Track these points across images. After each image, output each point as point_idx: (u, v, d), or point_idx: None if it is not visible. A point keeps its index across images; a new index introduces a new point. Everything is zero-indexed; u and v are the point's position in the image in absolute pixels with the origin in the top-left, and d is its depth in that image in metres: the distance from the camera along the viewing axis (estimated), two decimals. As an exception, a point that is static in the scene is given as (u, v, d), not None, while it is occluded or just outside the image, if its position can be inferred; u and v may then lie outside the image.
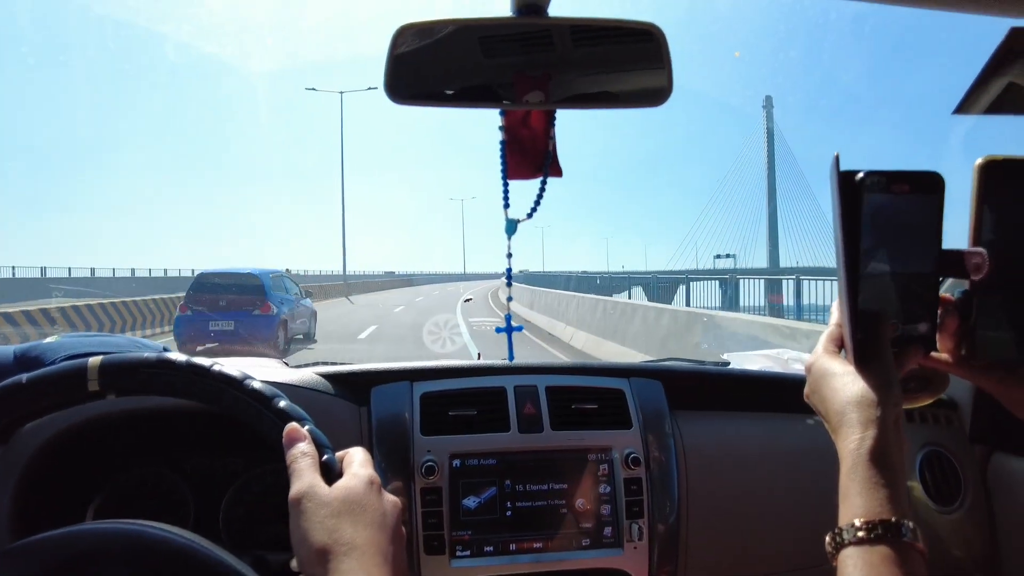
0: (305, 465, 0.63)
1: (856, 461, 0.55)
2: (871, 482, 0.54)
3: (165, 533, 0.63)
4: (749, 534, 1.24)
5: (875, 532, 0.52)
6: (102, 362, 0.68)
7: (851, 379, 0.59)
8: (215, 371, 0.69)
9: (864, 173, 0.56)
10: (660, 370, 1.38)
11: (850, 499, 0.54)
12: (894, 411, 0.56)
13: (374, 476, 0.65)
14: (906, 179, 0.56)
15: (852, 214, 0.57)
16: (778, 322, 8.37)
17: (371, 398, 1.22)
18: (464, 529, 1.13)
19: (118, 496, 1.18)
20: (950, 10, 0.85)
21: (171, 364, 0.69)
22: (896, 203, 0.56)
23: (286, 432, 0.65)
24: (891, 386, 0.57)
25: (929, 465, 1.33)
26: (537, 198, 0.91)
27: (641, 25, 0.82)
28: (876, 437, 0.55)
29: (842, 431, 0.57)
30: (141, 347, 1.18)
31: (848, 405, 0.57)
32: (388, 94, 0.82)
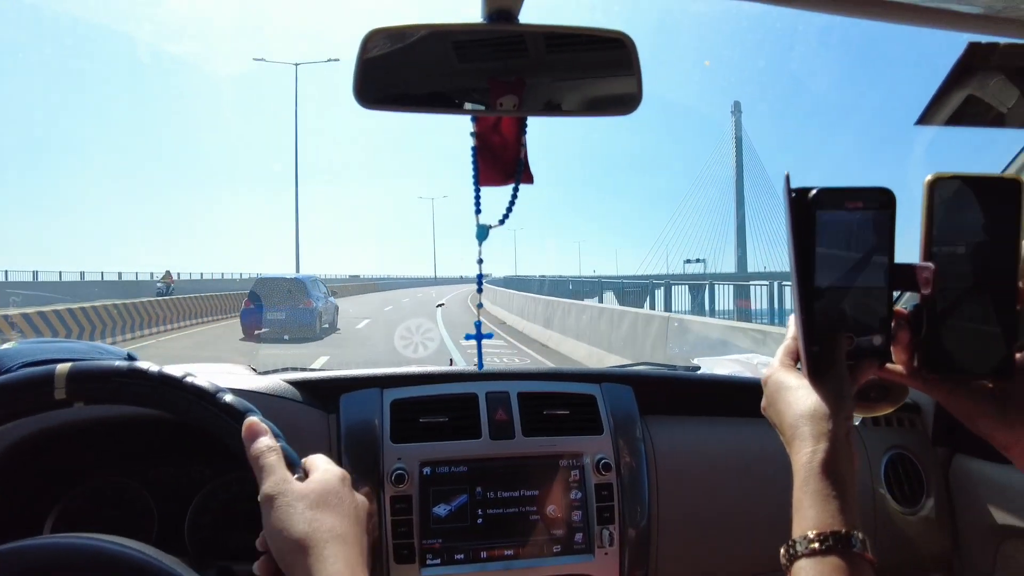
0: (274, 460, 0.63)
1: (808, 474, 0.56)
2: (822, 494, 0.55)
3: (123, 548, 0.61)
4: (719, 538, 1.25)
5: (826, 544, 0.53)
6: (70, 369, 0.66)
7: (805, 392, 0.60)
8: (187, 383, 0.68)
9: (817, 190, 0.58)
10: (631, 375, 1.39)
11: (803, 511, 0.56)
12: (845, 424, 0.58)
13: (345, 473, 0.66)
14: (859, 196, 0.58)
15: (805, 230, 0.58)
16: (747, 326, 8.49)
17: (340, 405, 1.20)
18: (434, 537, 1.12)
19: (77, 507, 1.14)
20: (913, 24, 0.87)
21: (143, 374, 0.67)
22: (849, 219, 0.58)
23: (246, 426, 0.65)
24: (844, 399, 0.59)
25: (894, 468, 1.36)
26: (509, 205, 0.91)
27: (611, 33, 0.83)
28: (827, 450, 0.56)
29: (795, 444, 0.59)
30: (104, 354, 1.15)
31: (801, 418, 0.59)
32: (357, 99, 0.81)
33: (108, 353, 1.16)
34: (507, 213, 0.92)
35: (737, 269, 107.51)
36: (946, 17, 0.86)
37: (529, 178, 0.92)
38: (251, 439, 0.64)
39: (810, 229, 0.58)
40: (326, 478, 0.63)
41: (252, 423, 0.65)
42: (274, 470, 0.62)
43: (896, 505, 1.33)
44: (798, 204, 0.58)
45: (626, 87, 0.87)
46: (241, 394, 0.69)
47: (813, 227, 0.58)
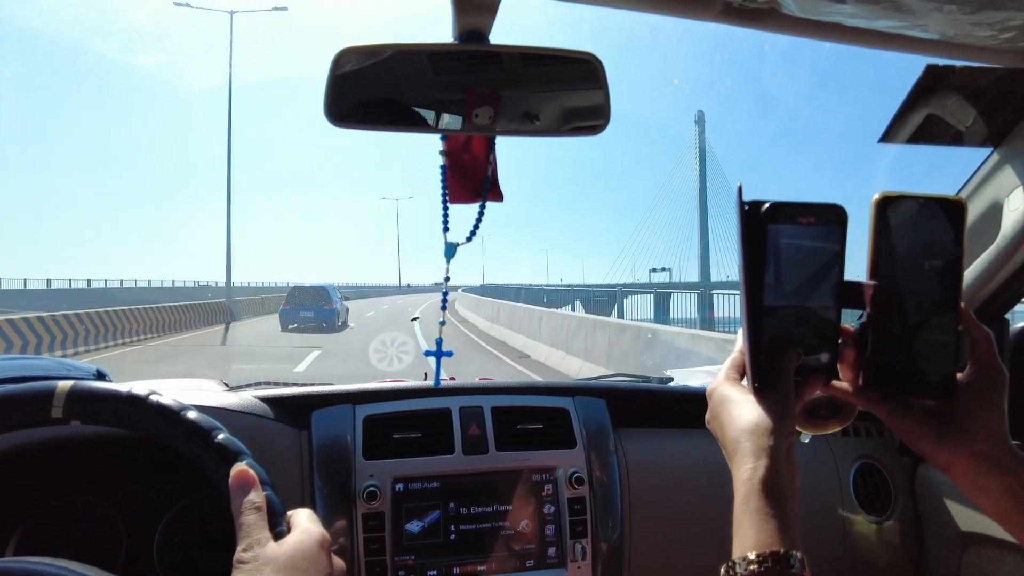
0: (253, 520, 0.61)
1: (749, 491, 0.56)
2: (762, 513, 0.55)
3: (72, 574, 0.59)
4: (692, 551, 1.26)
5: (765, 565, 0.53)
6: (71, 388, 0.67)
7: (748, 407, 0.60)
8: (186, 417, 0.68)
9: (769, 204, 0.58)
10: (603, 388, 1.40)
11: (743, 530, 0.55)
12: (787, 440, 0.57)
13: (325, 536, 0.64)
14: (812, 211, 0.58)
15: (755, 244, 0.58)
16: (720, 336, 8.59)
17: (312, 422, 1.19)
18: (407, 554, 1.11)
19: (43, 527, 1.11)
20: (874, 48, 0.90)
21: (142, 403, 0.68)
22: (801, 234, 0.58)
23: (234, 475, 0.63)
24: (786, 416, 0.58)
25: (862, 477, 1.38)
26: (476, 222, 0.91)
27: (580, 55, 0.84)
28: (768, 467, 0.56)
29: (736, 459, 0.59)
30: (72, 370, 1.13)
31: (743, 433, 0.58)
32: (328, 117, 0.81)
33: (76, 369, 1.14)
34: (474, 230, 0.92)
35: (700, 278, 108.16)
36: (904, 42, 0.89)
37: (498, 196, 0.93)
38: (237, 491, 0.62)
39: (762, 242, 0.57)
40: (302, 540, 0.61)
41: (240, 472, 0.63)
42: (251, 531, 0.60)
43: (865, 514, 1.35)
44: (750, 217, 0.58)
45: (594, 108, 0.88)
46: (211, 411, 0.69)
47: (765, 240, 0.57)
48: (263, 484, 0.65)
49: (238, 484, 0.62)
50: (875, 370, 0.61)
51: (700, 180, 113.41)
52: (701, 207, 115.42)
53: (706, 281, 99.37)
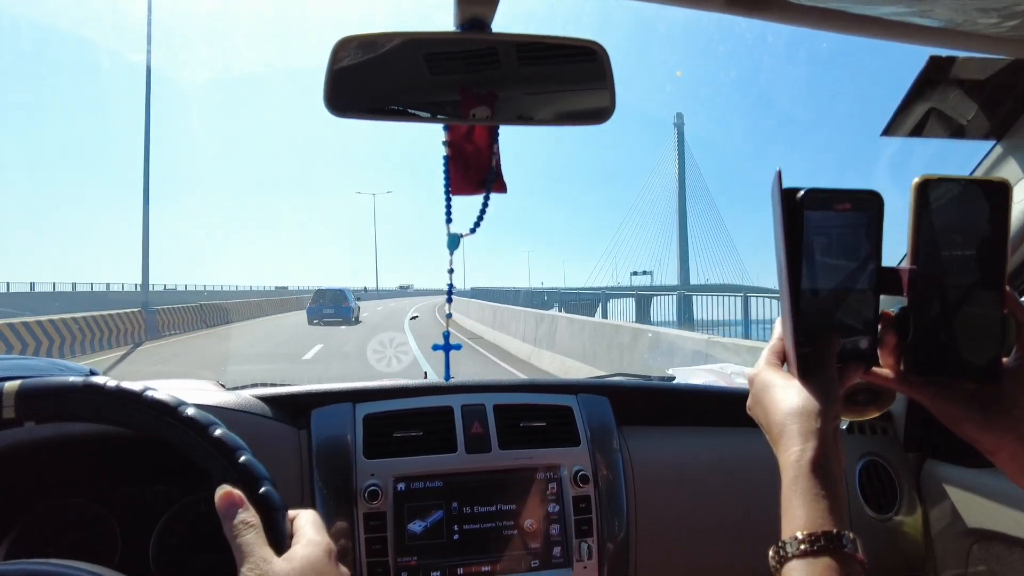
0: (250, 539, 0.58)
1: (798, 473, 0.55)
2: (812, 493, 0.54)
3: (78, 572, 0.58)
4: (698, 548, 1.25)
5: (817, 544, 0.52)
6: (20, 387, 0.63)
7: (793, 391, 0.60)
8: (147, 397, 0.65)
9: (805, 191, 0.58)
10: (607, 386, 1.39)
11: (792, 511, 0.55)
12: (833, 423, 0.57)
13: (331, 545, 0.61)
14: (847, 197, 0.58)
15: (793, 230, 0.58)
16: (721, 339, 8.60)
17: (311, 421, 1.18)
18: (409, 555, 1.09)
19: (36, 531, 1.10)
20: (877, 37, 0.89)
21: (99, 389, 0.65)
22: (837, 220, 0.58)
23: (220, 498, 0.60)
24: (832, 399, 0.58)
25: (867, 474, 1.37)
26: (480, 214, 0.90)
27: (584, 43, 0.83)
28: (816, 448, 0.56)
29: (783, 442, 0.58)
30: (65, 370, 1.11)
31: (789, 416, 0.58)
32: (328, 107, 0.80)
33: (69, 370, 1.12)
34: (478, 222, 0.91)
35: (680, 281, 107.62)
36: (908, 30, 0.88)
37: (502, 187, 0.92)
38: (226, 511, 0.59)
39: (798, 229, 0.58)
40: (310, 553, 0.59)
41: (227, 494, 0.60)
42: (252, 550, 0.57)
43: (870, 512, 1.34)
44: (787, 203, 0.58)
45: (599, 98, 0.87)
46: (207, 410, 0.67)
47: (801, 227, 0.58)
48: (262, 480, 0.63)
49: (225, 506, 0.59)
50: (917, 355, 0.60)
51: (679, 182, 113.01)
52: (680, 209, 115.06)
53: (685, 284, 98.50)
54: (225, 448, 0.64)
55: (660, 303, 14.30)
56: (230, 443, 0.64)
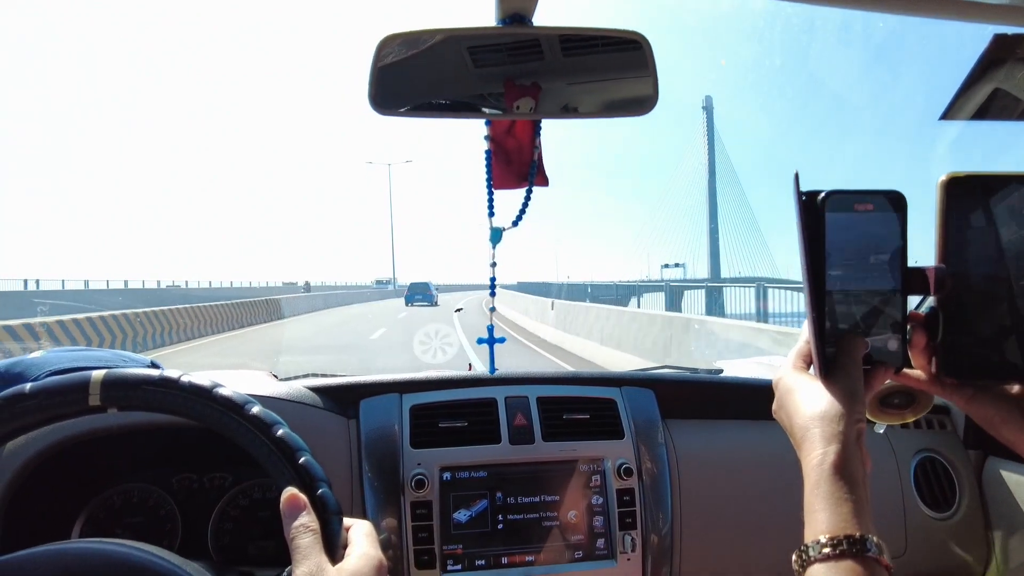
0: (308, 542, 0.59)
1: (820, 476, 0.55)
2: (835, 497, 0.54)
3: (149, 556, 0.62)
4: (744, 543, 1.23)
5: (840, 548, 0.51)
6: (105, 376, 0.67)
7: (816, 394, 0.59)
8: (217, 394, 0.68)
9: (826, 193, 0.58)
10: (652, 379, 1.37)
11: (815, 515, 0.54)
12: (856, 427, 0.56)
13: (383, 560, 0.63)
14: (869, 198, 0.58)
15: (814, 233, 0.58)
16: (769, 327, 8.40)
17: (360, 411, 1.21)
18: (455, 543, 1.11)
19: (105, 512, 1.16)
20: (937, 16, 0.86)
21: (173, 383, 0.68)
22: (860, 222, 0.58)
23: (285, 499, 0.62)
24: (856, 402, 0.57)
25: (924, 471, 1.32)
26: (522, 207, 0.90)
27: (627, 34, 0.82)
28: (839, 452, 0.55)
29: (805, 446, 0.58)
30: (129, 361, 1.16)
31: (812, 420, 0.58)
32: (373, 106, 0.81)
33: (132, 361, 1.17)
34: (520, 215, 0.91)
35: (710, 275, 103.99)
36: (972, 9, 0.84)
37: (544, 180, 0.92)
38: (289, 513, 0.61)
39: (820, 231, 0.58)
40: (361, 567, 0.60)
41: (291, 497, 0.62)
42: (308, 554, 0.59)
43: (927, 510, 1.30)
44: (807, 207, 0.58)
45: (642, 88, 0.87)
46: (260, 400, 0.70)
47: (823, 229, 0.58)
48: (319, 481, 0.64)
49: (289, 508, 0.61)
50: (949, 356, 0.59)
51: (709, 171, 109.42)
52: (710, 200, 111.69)
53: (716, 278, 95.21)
54: (287, 448, 0.66)
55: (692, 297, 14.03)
56: (292, 443, 0.66)
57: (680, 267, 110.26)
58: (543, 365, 11.38)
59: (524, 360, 11.00)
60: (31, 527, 1.04)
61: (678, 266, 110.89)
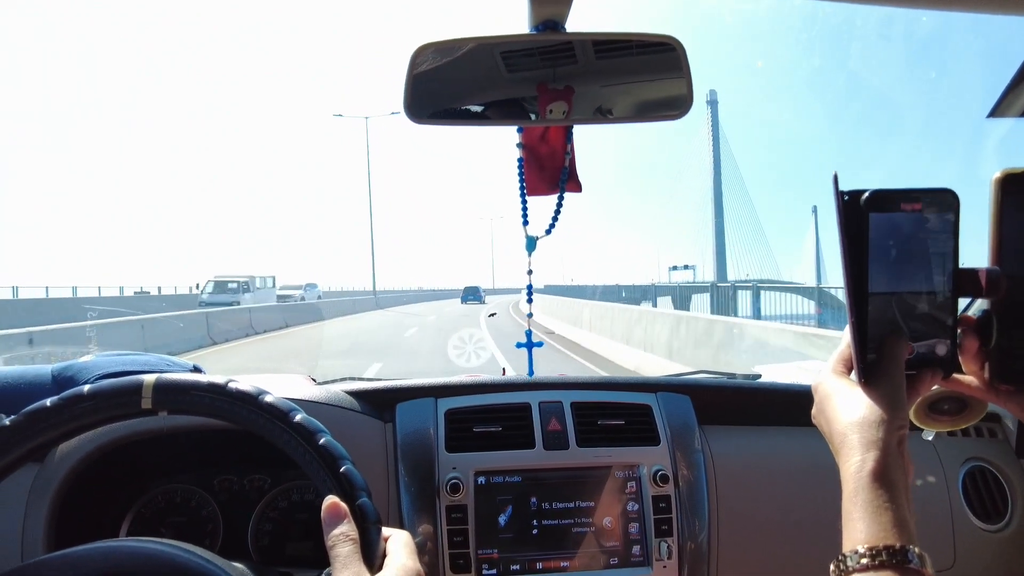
0: (347, 552, 0.60)
1: (858, 484, 0.53)
2: (874, 505, 0.52)
3: (193, 556, 0.64)
4: (781, 552, 1.21)
5: (880, 558, 0.50)
6: (156, 380, 0.70)
7: (856, 399, 0.57)
8: (262, 400, 0.70)
9: (869, 193, 0.55)
10: (688, 384, 1.36)
11: (853, 524, 0.52)
12: (898, 433, 0.54)
13: (420, 570, 0.63)
14: (916, 197, 0.55)
15: (856, 234, 0.56)
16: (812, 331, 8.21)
17: (396, 414, 1.22)
18: (491, 547, 1.12)
19: (151, 512, 1.20)
20: (984, 11, 0.83)
21: (220, 389, 0.70)
22: (907, 222, 0.55)
23: (326, 507, 0.63)
24: (898, 408, 0.55)
25: (973, 481, 1.28)
26: (555, 214, 0.90)
27: (660, 38, 0.82)
28: (878, 459, 0.53)
29: (843, 452, 0.56)
30: (172, 365, 1.20)
31: (850, 426, 0.56)
32: (408, 115, 0.82)
33: (176, 365, 1.21)
34: (553, 223, 0.91)
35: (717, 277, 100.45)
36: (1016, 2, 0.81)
37: (576, 186, 0.92)
38: (329, 521, 0.62)
39: (862, 233, 0.55)
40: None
41: (332, 505, 0.63)
42: (348, 563, 0.59)
43: (977, 521, 1.25)
44: (849, 207, 0.56)
45: (676, 90, 0.86)
46: (299, 404, 0.71)
47: (866, 230, 0.55)
48: (360, 490, 0.65)
49: (330, 516, 0.62)
50: (1003, 360, 0.57)
51: (714, 170, 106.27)
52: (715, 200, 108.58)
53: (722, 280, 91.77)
54: (329, 457, 0.67)
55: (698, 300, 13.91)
56: (334, 452, 0.67)
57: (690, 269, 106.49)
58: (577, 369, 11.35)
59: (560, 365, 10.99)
60: (82, 525, 1.08)
61: (687, 268, 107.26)
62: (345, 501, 0.64)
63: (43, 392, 1.06)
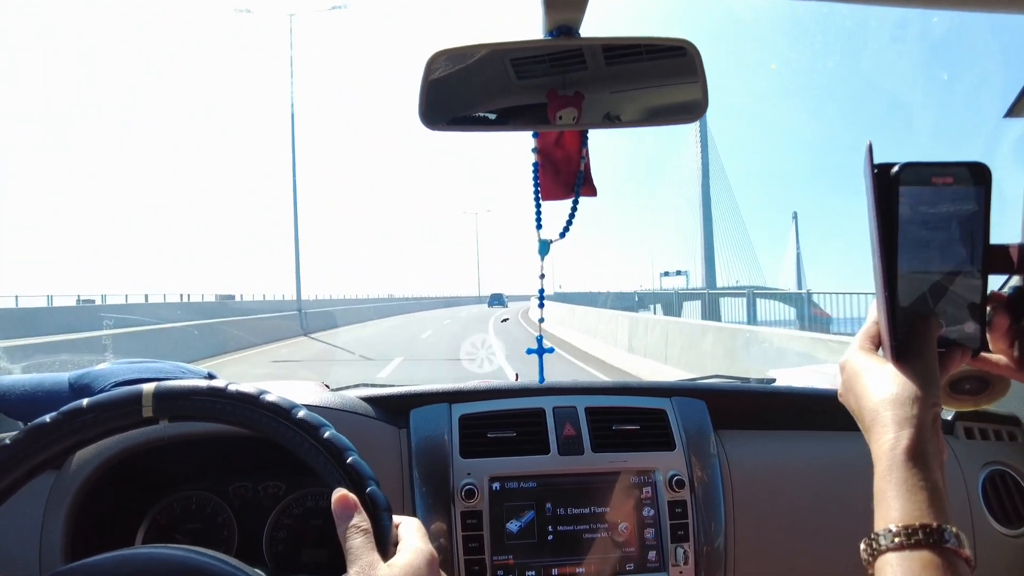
0: (360, 543, 0.60)
1: (892, 462, 0.52)
2: (909, 484, 0.50)
3: (209, 560, 0.64)
4: (799, 557, 1.19)
5: (915, 537, 0.48)
6: (156, 389, 0.70)
7: (888, 376, 0.56)
8: (263, 400, 0.70)
9: (900, 166, 0.54)
10: (703, 389, 1.35)
11: (886, 502, 0.51)
12: (932, 411, 0.53)
13: (434, 553, 0.63)
14: (948, 171, 0.54)
15: (887, 208, 0.54)
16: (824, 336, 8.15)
17: (410, 420, 1.22)
18: (506, 553, 1.11)
19: (166, 519, 1.20)
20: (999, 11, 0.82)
21: (221, 392, 0.70)
22: (938, 196, 0.54)
23: (336, 500, 0.63)
24: (931, 385, 0.54)
25: (993, 485, 1.26)
26: (569, 218, 0.90)
27: (674, 41, 0.82)
28: (912, 436, 0.52)
29: (875, 430, 0.54)
30: (187, 373, 1.21)
31: (883, 403, 0.54)
32: (423, 121, 0.82)
33: (190, 372, 1.21)
34: (567, 227, 0.91)
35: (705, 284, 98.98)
36: None
37: (591, 190, 0.92)
38: (340, 513, 0.62)
39: (893, 207, 0.54)
40: (412, 560, 0.60)
41: (341, 498, 0.63)
42: (360, 554, 0.59)
43: (999, 526, 1.23)
44: (880, 180, 0.55)
45: (690, 94, 0.86)
46: (314, 410, 0.71)
47: (897, 205, 0.54)
48: (368, 479, 0.65)
49: (340, 508, 0.63)
50: None
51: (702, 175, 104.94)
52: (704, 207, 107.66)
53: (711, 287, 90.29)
54: (334, 449, 0.67)
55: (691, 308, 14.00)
56: (339, 444, 0.68)
57: (683, 275, 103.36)
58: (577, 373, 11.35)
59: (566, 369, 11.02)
60: (98, 534, 1.09)
61: (680, 274, 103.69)
62: (354, 492, 0.64)
63: (61, 400, 1.07)
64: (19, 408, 1.11)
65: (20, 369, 1.76)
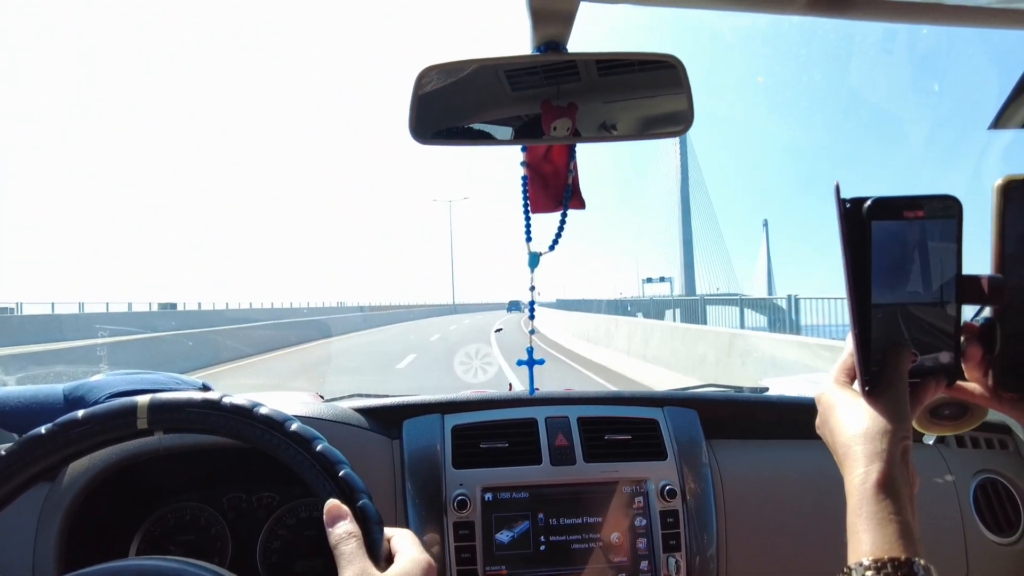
0: (351, 548, 0.61)
1: (863, 496, 0.53)
2: (878, 517, 0.51)
3: (203, 571, 0.64)
4: (790, 565, 1.20)
5: (884, 571, 0.49)
6: (151, 401, 0.71)
7: (859, 411, 0.57)
8: (257, 413, 0.70)
9: (872, 200, 0.55)
10: (695, 398, 1.36)
11: (858, 535, 0.52)
12: (902, 444, 0.54)
13: (431, 562, 0.64)
14: (919, 205, 0.54)
15: (858, 243, 0.55)
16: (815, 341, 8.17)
17: (403, 431, 1.22)
18: (498, 564, 1.11)
19: (160, 530, 1.20)
20: (981, 27, 0.84)
21: (215, 404, 0.71)
22: (909, 230, 0.55)
23: (327, 509, 0.64)
24: (901, 419, 0.55)
25: (985, 494, 1.27)
26: (558, 231, 0.92)
27: (660, 57, 0.83)
28: (882, 470, 0.53)
29: (847, 464, 0.56)
30: (181, 384, 1.21)
31: (854, 438, 0.56)
32: (413, 135, 0.83)
33: (185, 384, 1.22)
34: (556, 239, 0.93)
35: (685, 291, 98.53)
36: (1015, 16, 0.82)
37: (580, 203, 0.93)
38: (332, 522, 0.63)
39: (865, 241, 0.55)
40: (407, 569, 0.61)
41: (335, 506, 0.64)
42: (353, 560, 0.60)
43: (990, 534, 1.24)
44: (851, 215, 0.55)
45: (677, 108, 0.87)
46: (307, 421, 0.72)
47: (868, 239, 0.55)
48: (360, 492, 0.66)
49: (332, 517, 0.63)
50: (1007, 368, 0.56)
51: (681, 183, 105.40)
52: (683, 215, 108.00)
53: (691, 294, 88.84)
54: (326, 462, 0.68)
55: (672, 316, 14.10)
56: (331, 457, 0.68)
57: (666, 281, 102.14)
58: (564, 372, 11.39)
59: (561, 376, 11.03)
60: (92, 545, 1.09)
61: (663, 280, 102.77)
62: (346, 504, 0.65)
63: (55, 412, 1.07)
64: (14, 420, 1.12)
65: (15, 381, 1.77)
